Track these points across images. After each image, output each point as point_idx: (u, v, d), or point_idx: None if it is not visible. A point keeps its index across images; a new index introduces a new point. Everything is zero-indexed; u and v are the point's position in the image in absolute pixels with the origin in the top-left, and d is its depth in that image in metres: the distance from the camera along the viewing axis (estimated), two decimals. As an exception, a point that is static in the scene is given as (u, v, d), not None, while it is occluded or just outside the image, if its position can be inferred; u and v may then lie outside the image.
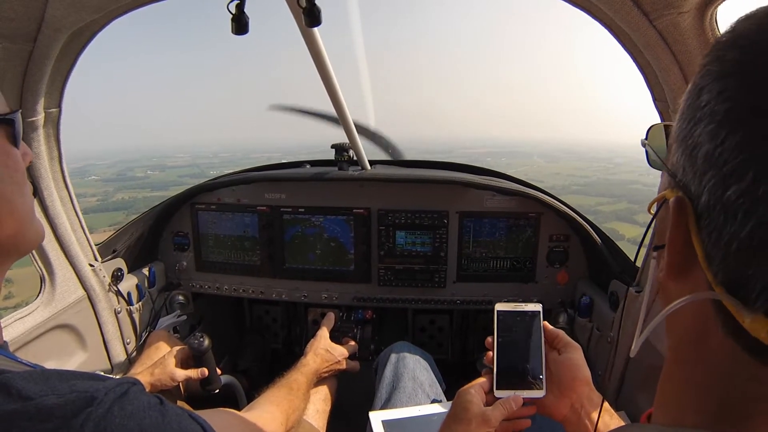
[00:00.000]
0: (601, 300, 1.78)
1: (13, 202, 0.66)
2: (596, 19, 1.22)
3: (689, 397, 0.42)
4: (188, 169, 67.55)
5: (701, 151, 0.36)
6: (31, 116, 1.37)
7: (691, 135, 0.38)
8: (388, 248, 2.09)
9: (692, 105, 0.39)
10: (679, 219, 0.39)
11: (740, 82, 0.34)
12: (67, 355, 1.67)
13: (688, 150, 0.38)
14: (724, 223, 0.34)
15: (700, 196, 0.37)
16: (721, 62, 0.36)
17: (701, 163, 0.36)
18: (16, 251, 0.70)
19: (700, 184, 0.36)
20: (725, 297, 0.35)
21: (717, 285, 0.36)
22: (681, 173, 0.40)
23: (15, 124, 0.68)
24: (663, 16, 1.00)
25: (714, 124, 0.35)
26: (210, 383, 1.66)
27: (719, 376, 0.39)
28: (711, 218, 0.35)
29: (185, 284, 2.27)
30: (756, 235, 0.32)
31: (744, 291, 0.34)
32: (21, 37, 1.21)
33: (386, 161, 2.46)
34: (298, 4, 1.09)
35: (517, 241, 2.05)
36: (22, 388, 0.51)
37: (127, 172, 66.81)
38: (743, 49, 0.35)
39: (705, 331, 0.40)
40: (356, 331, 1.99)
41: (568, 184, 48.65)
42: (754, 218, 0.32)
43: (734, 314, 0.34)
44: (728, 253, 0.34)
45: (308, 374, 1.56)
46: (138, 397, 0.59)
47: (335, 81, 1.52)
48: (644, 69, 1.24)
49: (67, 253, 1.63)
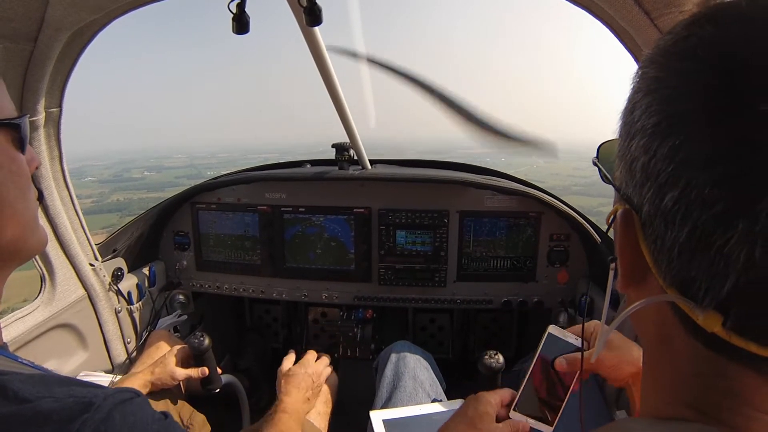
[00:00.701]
0: (601, 299, 1.78)
1: (15, 207, 0.65)
2: (597, 18, 1.22)
3: (666, 395, 0.44)
4: (185, 170, 67.43)
5: (638, 164, 0.39)
6: (32, 116, 1.37)
7: (628, 150, 0.40)
8: (389, 247, 2.09)
9: (627, 122, 0.41)
10: (627, 230, 0.41)
11: (661, 97, 0.37)
12: (67, 355, 1.67)
13: (627, 164, 0.41)
14: (665, 230, 0.36)
15: (642, 206, 0.39)
16: (645, 79, 0.39)
17: (639, 176, 0.39)
18: (17, 257, 0.69)
19: (641, 195, 0.39)
20: (677, 298, 0.37)
21: (668, 288, 0.38)
22: (624, 187, 0.42)
23: (21, 129, 0.66)
24: (664, 15, 1.00)
25: (646, 137, 0.37)
26: (210, 382, 1.66)
27: (688, 376, 0.41)
28: (653, 226, 0.38)
29: (186, 284, 2.27)
30: (693, 238, 0.34)
31: (692, 291, 0.36)
32: (22, 37, 1.21)
33: (387, 161, 2.46)
34: (299, 4, 1.09)
35: (518, 241, 2.05)
36: (19, 390, 0.51)
37: (124, 173, 66.63)
38: (659, 66, 0.38)
39: (668, 334, 0.42)
40: (356, 331, 1.99)
41: (568, 185, 48.56)
42: (689, 222, 0.34)
43: (689, 313, 0.36)
44: (672, 258, 0.36)
45: (293, 412, 1.36)
46: (143, 408, 0.58)
47: (336, 80, 1.52)
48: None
49: (68, 253, 1.63)
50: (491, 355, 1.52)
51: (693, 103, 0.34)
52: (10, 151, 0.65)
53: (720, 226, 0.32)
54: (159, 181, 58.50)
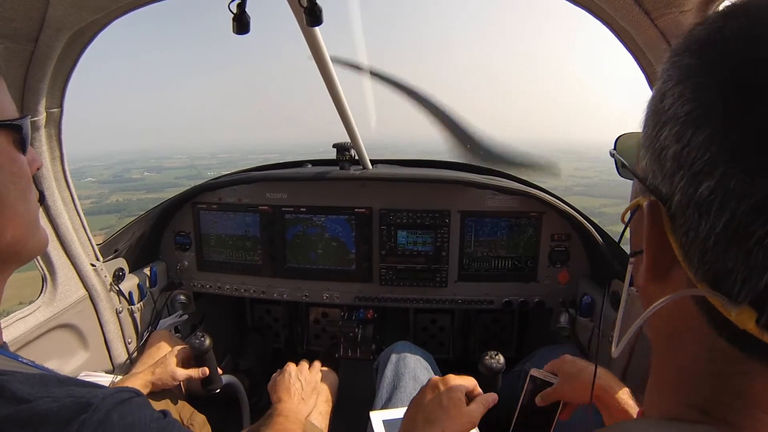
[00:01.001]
0: (602, 299, 1.78)
1: (15, 208, 0.64)
2: (597, 18, 1.21)
3: (672, 395, 0.44)
4: (185, 170, 67.23)
5: (669, 153, 0.38)
6: (33, 116, 1.37)
7: (657, 139, 0.39)
8: (390, 248, 2.09)
9: (656, 110, 0.40)
10: (654, 222, 0.40)
11: (695, 85, 0.36)
12: (68, 355, 1.67)
13: (655, 154, 0.40)
14: (699, 221, 0.35)
15: (672, 197, 0.38)
16: (678, 68, 0.38)
17: (670, 165, 0.38)
18: (17, 258, 0.68)
19: (671, 185, 0.38)
20: (709, 293, 0.36)
21: (699, 282, 0.37)
22: (650, 177, 0.41)
23: (23, 130, 0.66)
24: (665, 14, 0.99)
25: (678, 126, 0.37)
26: (211, 383, 1.66)
27: (698, 375, 0.41)
28: (685, 217, 0.37)
29: (187, 284, 2.27)
30: (730, 229, 0.33)
31: (726, 285, 0.34)
32: (22, 37, 1.21)
33: (388, 161, 2.46)
34: (299, 4, 1.08)
35: (519, 241, 2.04)
36: (17, 391, 0.50)
37: (124, 174, 66.39)
38: (694, 54, 0.37)
39: (686, 331, 0.41)
40: (357, 331, 1.99)
41: (570, 185, 48.40)
42: (727, 212, 0.33)
43: (720, 309, 0.35)
44: (706, 250, 0.35)
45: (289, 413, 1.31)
46: (141, 408, 0.57)
47: (337, 80, 1.52)
48: (646, 69, 1.24)
49: (69, 253, 1.63)
50: (492, 356, 1.52)
51: (729, 91, 0.34)
52: (11, 152, 0.65)
53: (760, 217, 0.31)
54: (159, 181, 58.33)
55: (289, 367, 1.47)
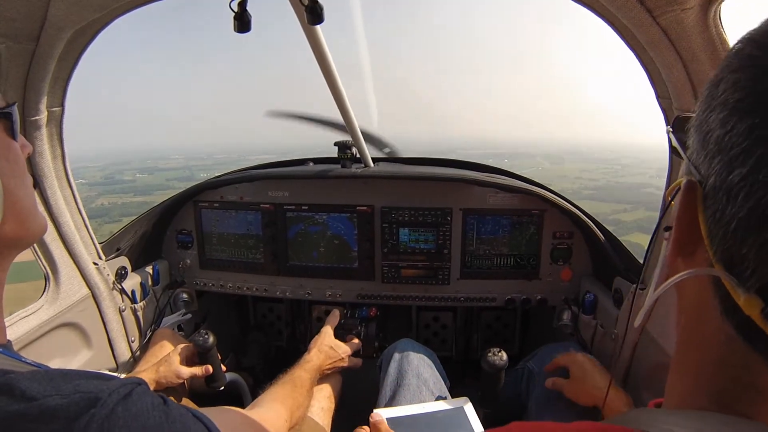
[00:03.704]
0: (605, 297, 1.78)
1: (17, 194, 0.68)
2: (599, 16, 1.21)
3: (691, 381, 0.45)
4: (179, 171, 66.75)
5: (713, 136, 0.39)
6: (34, 115, 1.37)
7: (706, 121, 0.40)
8: (392, 245, 2.09)
9: (710, 95, 0.41)
10: (688, 199, 0.42)
11: (752, 75, 0.36)
12: (71, 354, 1.67)
13: (702, 135, 0.41)
14: (726, 204, 0.36)
15: (708, 178, 0.39)
16: (739, 56, 0.39)
17: (712, 148, 0.39)
18: (20, 243, 0.72)
19: (710, 167, 0.39)
20: (723, 274, 0.37)
21: (716, 262, 0.38)
22: (695, 157, 0.42)
23: (12, 117, 0.70)
24: (666, 12, 0.99)
25: (726, 111, 0.37)
26: (214, 380, 1.67)
27: (715, 362, 0.41)
28: (716, 199, 0.38)
29: (189, 282, 2.27)
30: (753, 216, 0.34)
31: (739, 269, 0.36)
32: (24, 36, 1.21)
33: (390, 158, 2.46)
34: (301, 2, 1.08)
35: (521, 239, 2.04)
36: (26, 389, 0.51)
37: (116, 175, 65.86)
38: (757, 45, 0.38)
39: (706, 312, 0.42)
40: (360, 329, 2.00)
41: (578, 188, 47.87)
42: (753, 200, 0.34)
43: (731, 291, 0.36)
44: (727, 232, 0.36)
45: (311, 371, 1.56)
46: (142, 397, 0.59)
47: (338, 79, 1.52)
48: (647, 66, 1.24)
49: (71, 252, 1.64)
50: (495, 353, 1.52)
51: None
52: (4, 140, 0.68)
53: None
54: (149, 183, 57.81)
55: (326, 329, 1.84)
